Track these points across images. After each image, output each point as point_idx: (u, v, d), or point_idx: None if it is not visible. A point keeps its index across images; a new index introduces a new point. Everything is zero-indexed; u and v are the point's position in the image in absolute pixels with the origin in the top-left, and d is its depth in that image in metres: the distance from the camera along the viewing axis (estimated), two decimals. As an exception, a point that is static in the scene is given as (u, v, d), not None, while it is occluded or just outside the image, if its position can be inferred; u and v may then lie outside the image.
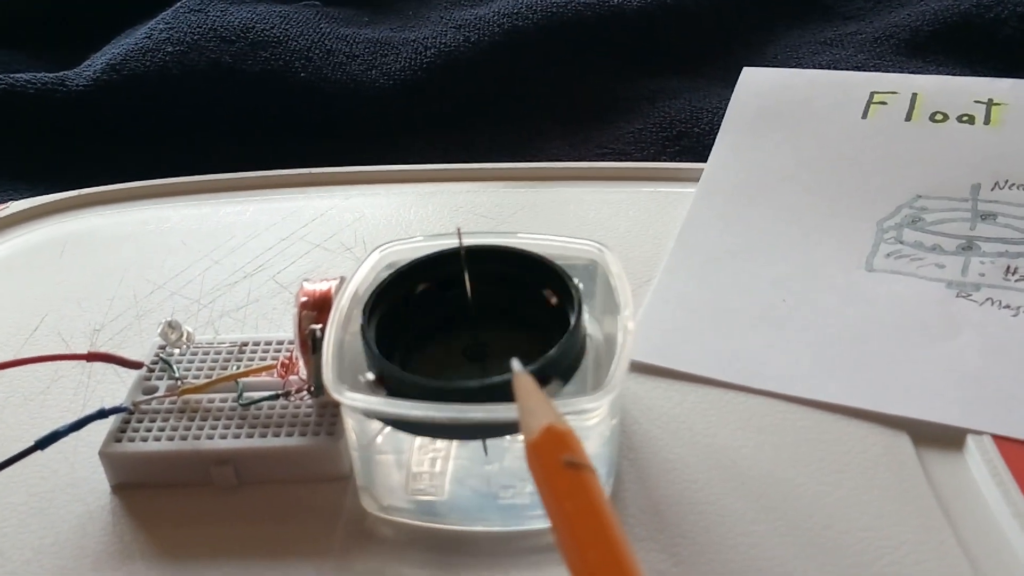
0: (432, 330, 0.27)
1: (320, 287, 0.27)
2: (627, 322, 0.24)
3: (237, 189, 0.42)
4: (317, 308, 0.26)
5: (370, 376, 0.24)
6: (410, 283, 0.27)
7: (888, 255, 0.34)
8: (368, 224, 0.39)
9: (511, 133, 0.49)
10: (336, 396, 0.23)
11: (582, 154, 0.47)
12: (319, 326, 0.26)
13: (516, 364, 0.22)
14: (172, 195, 0.42)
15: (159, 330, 0.29)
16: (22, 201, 0.42)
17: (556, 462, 0.20)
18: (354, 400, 0.23)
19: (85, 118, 0.49)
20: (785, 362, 0.30)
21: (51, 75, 0.50)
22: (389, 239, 0.28)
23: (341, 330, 0.25)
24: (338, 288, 0.27)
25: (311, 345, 0.26)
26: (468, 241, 0.27)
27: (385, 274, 0.27)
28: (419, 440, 0.26)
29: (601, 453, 0.25)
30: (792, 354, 0.30)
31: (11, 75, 0.49)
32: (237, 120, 0.50)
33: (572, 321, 0.25)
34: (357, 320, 0.25)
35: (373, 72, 0.51)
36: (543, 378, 0.23)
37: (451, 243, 0.27)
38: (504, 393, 0.22)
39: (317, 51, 0.51)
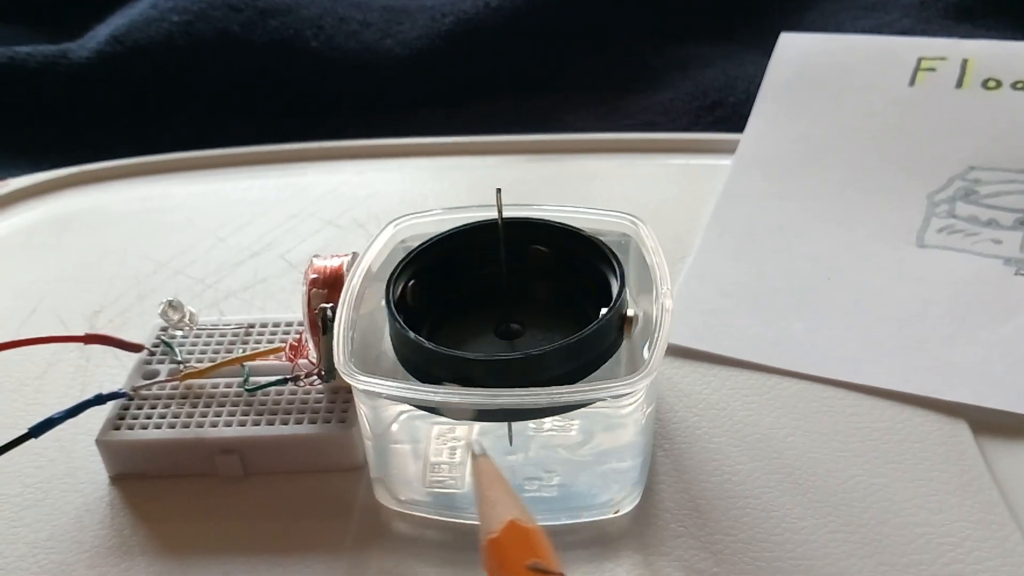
0: (462, 306, 0.26)
1: (331, 263, 0.26)
2: (665, 300, 0.23)
3: (244, 164, 0.42)
4: (328, 286, 0.25)
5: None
6: (440, 254, 0.25)
7: (940, 230, 0.33)
8: (382, 200, 0.38)
9: (534, 103, 0.48)
10: (348, 380, 0.22)
11: (609, 125, 0.46)
12: (330, 305, 0.24)
13: (477, 447, 0.21)
14: (177, 170, 0.41)
15: (160, 311, 0.28)
16: (22, 178, 0.41)
17: (518, 565, 0.18)
18: (368, 384, 0.22)
19: (88, 91, 0.48)
20: (831, 345, 0.29)
21: (53, 47, 0.49)
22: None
23: (353, 309, 0.24)
24: (350, 264, 0.26)
25: (321, 326, 0.25)
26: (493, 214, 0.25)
27: (400, 250, 0.26)
28: (437, 428, 0.25)
29: (636, 442, 0.23)
30: (839, 336, 0.29)
31: (12, 48, 0.49)
32: (245, 92, 0.49)
33: (614, 297, 0.23)
34: (370, 299, 0.24)
35: (388, 41, 0.50)
36: (590, 360, 0.22)
37: (471, 216, 0.26)
38: (535, 370, 0.21)
39: (329, 19, 0.50)
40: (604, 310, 0.23)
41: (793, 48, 0.41)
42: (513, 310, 0.25)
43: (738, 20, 0.52)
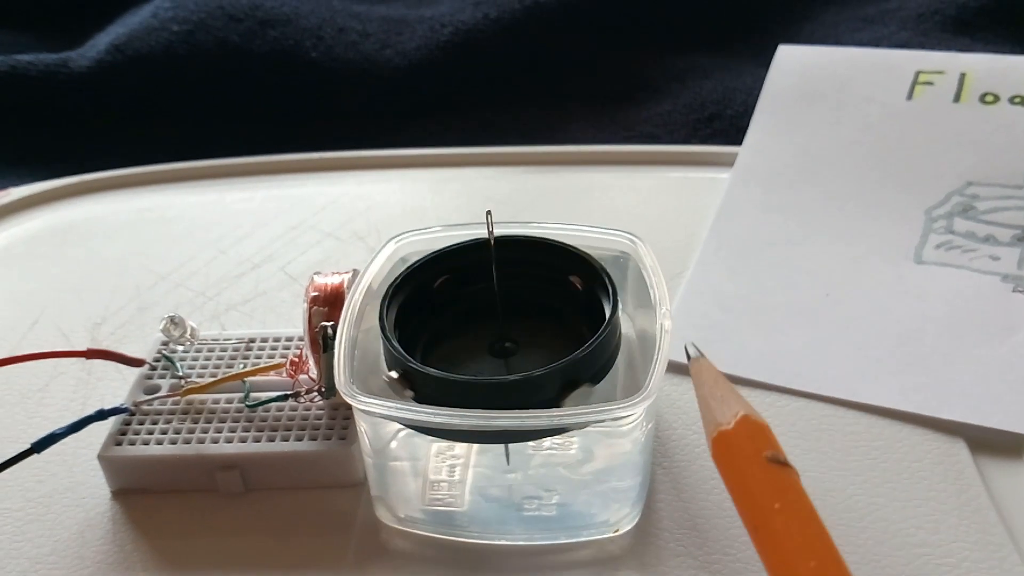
0: (455, 324, 0.26)
1: (332, 281, 0.26)
2: (664, 320, 0.23)
3: (244, 175, 0.41)
4: (328, 303, 0.25)
5: (392, 375, 0.23)
6: (432, 274, 0.25)
7: (938, 246, 0.32)
8: (382, 211, 0.38)
9: (532, 115, 0.48)
10: (348, 399, 0.22)
11: (608, 137, 0.45)
12: (330, 323, 0.24)
13: (693, 349, 0.21)
14: (177, 181, 0.41)
15: (161, 326, 0.28)
16: (23, 187, 0.41)
17: (757, 457, 0.18)
18: (367, 404, 0.22)
19: (88, 101, 0.48)
20: (829, 362, 0.28)
21: (53, 56, 0.49)
22: (403, 227, 0.27)
23: (354, 327, 0.24)
24: (351, 282, 0.26)
25: (322, 343, 0.24)
26: (493, 230, 0.25)
27: (400, 267, 0.26)
28: (436, 446, 0.25)
29: (635, 461, 0.23)
30: (836, 353, 0.29)
31: (12, 56, 0.48)
32: (245, 102, 0.49)
33: (607, 317, 0.23)
34: (371, 316, 0.24)
35: (387, 51, 0.50)
36: (571, 380, 0.22)
37: (471, 233, 0.26)
38: (535, 391, 0.21)
39: (328, 29, 0.50)
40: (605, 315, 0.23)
41: (791, 60, 0.41)
42: (507, 328, 0.25)
43: (736, 32, 0.52)
